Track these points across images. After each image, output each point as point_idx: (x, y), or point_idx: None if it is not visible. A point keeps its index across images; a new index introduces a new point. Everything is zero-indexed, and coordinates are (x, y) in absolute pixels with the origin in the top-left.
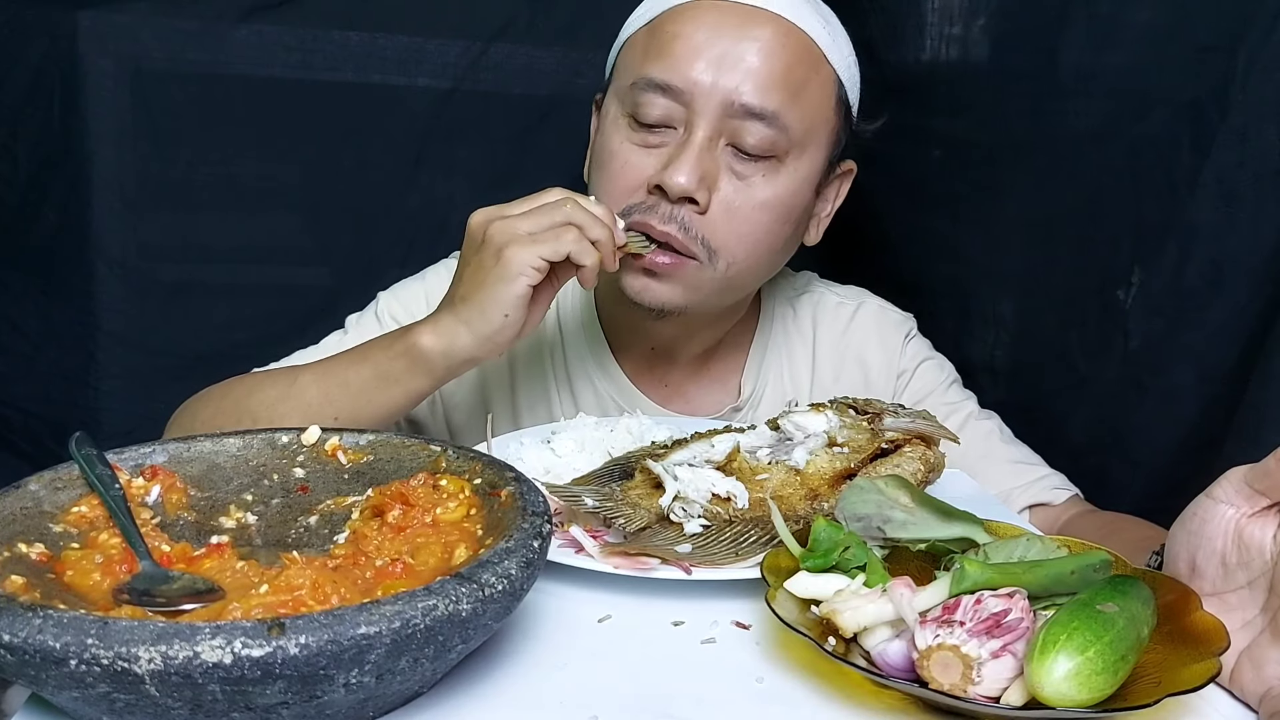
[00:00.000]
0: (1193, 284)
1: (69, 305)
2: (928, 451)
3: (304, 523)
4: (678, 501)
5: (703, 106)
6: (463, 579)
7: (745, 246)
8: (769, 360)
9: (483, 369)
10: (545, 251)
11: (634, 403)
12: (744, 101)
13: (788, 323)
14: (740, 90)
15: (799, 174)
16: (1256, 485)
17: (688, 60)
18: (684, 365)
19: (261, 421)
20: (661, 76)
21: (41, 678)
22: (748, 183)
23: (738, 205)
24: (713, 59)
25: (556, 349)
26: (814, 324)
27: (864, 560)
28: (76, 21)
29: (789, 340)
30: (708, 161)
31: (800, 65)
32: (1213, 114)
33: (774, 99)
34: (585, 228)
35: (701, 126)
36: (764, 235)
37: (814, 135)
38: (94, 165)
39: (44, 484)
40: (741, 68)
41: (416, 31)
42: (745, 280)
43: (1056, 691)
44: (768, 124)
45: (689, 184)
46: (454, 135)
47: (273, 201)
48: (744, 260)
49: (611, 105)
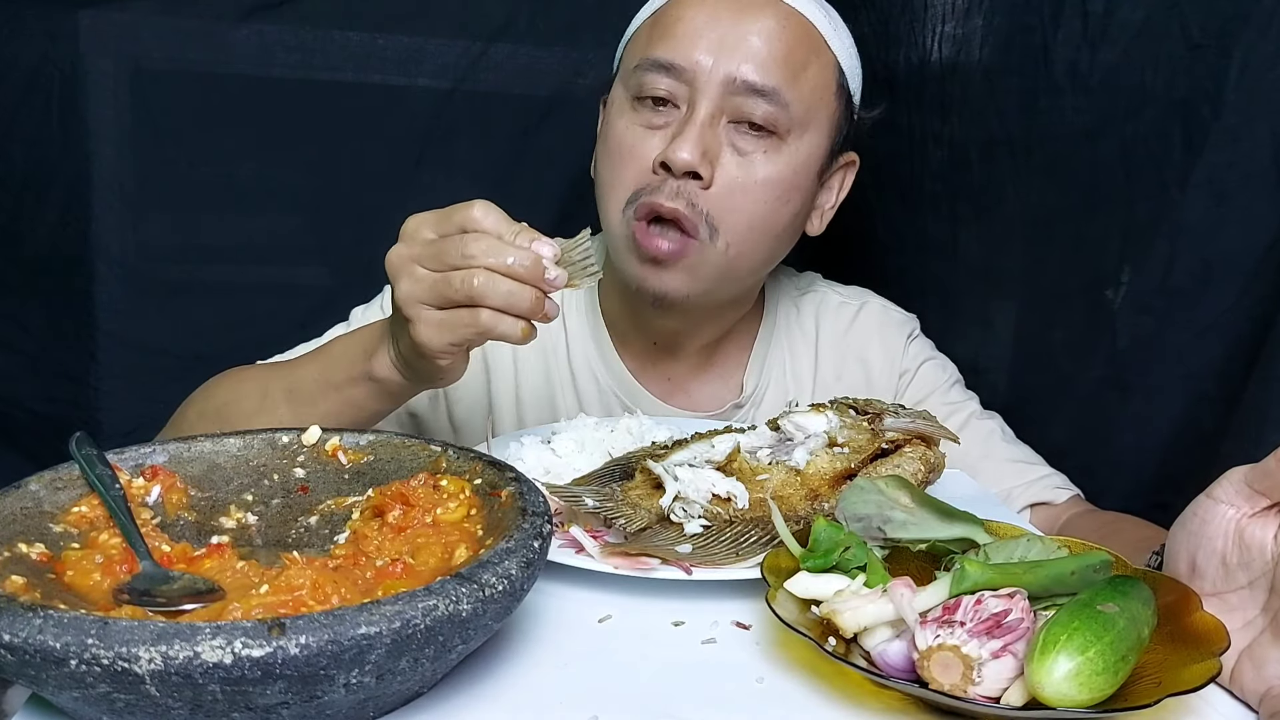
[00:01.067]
0: (1182, 283)
1: (69, 305)
2: (928, 452)
3: (304, 523)
4: (678, 502)
5: (705, 85)
6: (463, 579)
7: (746, 222)
8: (771, 358)
9: (486, 364)
10: (455, 339)
11: (636, 397)
12: (745, 79)
13: (791, 321)
14: (742, 69)
15: (800, 154)
16: (1257, 485)
17: (690, 40)
18: (686, 360)
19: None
20: (665, 56)
21: (42, 678)
22: (749, 159)
23: (740, 180)
24: (714, 40)
25: (560, 342)
26: (817, 323)
27: (864, 560)
28: (76, 21)
29: (791, 339)
30: (710, 137)
31: (800, 47)
32: (1204, 113)
33: (775, 76)
34: (496, 301)
35: (704, 104)
36: (765, 213)
37: (814, 116)
38: (94, 165)
39: (44, 484)
40: (743, 48)
41: (417, 31)
42: (745, 264)
43: (1057, 692)
44: (769, 100)
45: (692, 158)
46: (454, 135)
47: (273, 201)
48: (744, 239)
49: (617, 92)
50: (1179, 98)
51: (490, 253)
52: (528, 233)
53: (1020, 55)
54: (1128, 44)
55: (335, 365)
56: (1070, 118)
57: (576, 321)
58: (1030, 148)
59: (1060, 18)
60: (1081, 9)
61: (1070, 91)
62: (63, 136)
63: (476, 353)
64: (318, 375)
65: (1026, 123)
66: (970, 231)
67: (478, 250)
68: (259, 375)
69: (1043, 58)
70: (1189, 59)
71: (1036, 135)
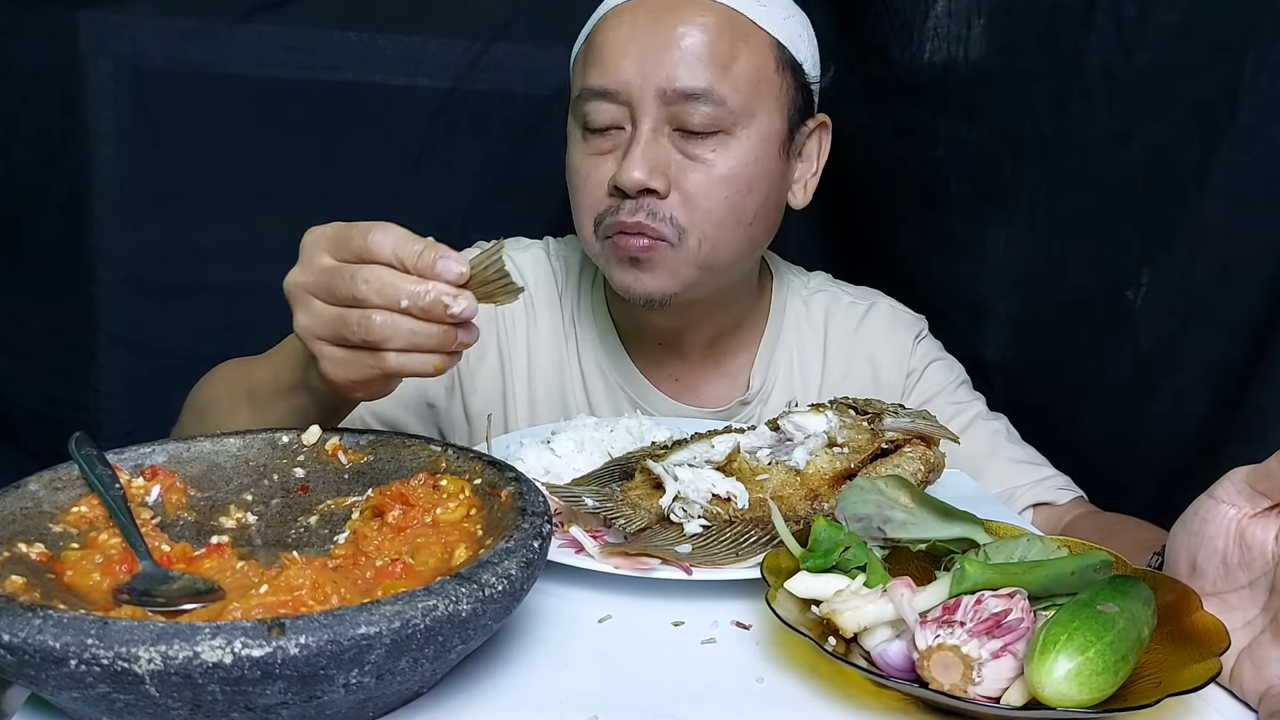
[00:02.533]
0: (1202, 284)
1: (69, 305)
2: (928, 451)
3: (304, 523)
4: (678, 502)
5: (640, 101)
6: (463, 579)
7: (712, 221)
8: (778, 356)
9: (501, 358)
10: (362, 378)
11: (645, 395)
12: (675, 87)
13: (800, 321)
14: (670, 77)
15: (751, 142)
16: (1258, 486)
17: (616, 62)
18: (691, 358)
19: None
20: (598, 82)
21: (41, 678)
22: (700, 161)
23: (697, 182)
24: (637, 55)
25: (571, 340)
26: (825, 322)
27: (864, 560)
28: (76, 21)
29: (801, 337)
30: (656, 151)
31: (724, 38)
32: (1222, 114)
33: (703, 76)
34: (399, 342)
35: (644, 120)
36: (730, 207)
37: (758, 101)
38: (94, 165)
39: (44, 484)
40: (666, 57)
41: (417, 31)
42: (723, 256)
43: (1057, 692)
44: (704, 100)
45: (642, 177)
46: (454, 135)
47: (273, 201)
48: (714, 235)
49: (570, 121)
50: (1197, 99)
51: (386, 290)
52: (431, 251)
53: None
54: (1147, 46)
55: (283, 368)
56: (1089, 120)
57: (587, 320)
58: (1049, 150)
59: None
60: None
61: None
62: (63, 136)
63: (491, 345)
64: (270, 379)
65: (1045, 125)
66: (995, 233)
67: (372, 289)
68: (232, 375)
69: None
70: (1207, 60)
71: (1056, 137)
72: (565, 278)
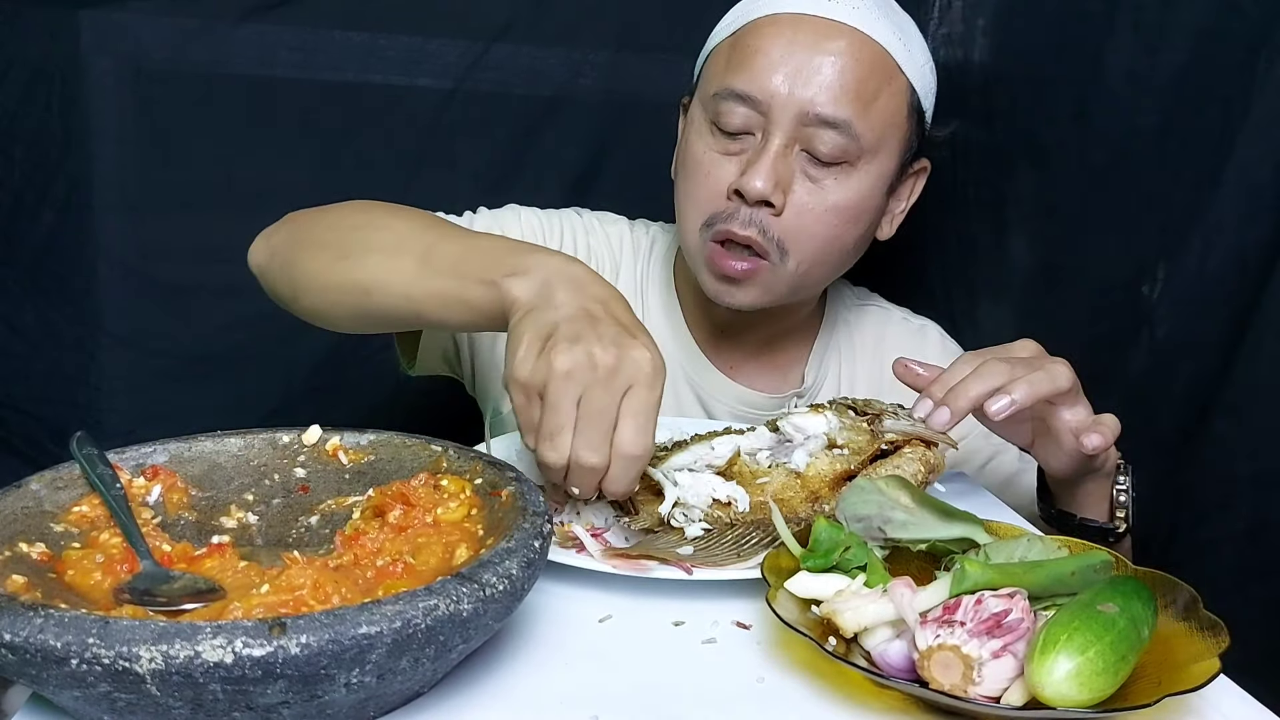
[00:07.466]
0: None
1: (69, 305)
2: (927, 452)
3: (305, 523)
4: (678, 508)
5: (779, 115)
6: (464, 579)
7: (816, 246)
8: (829, 357)
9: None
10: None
11: (702, 372)
12: (818, 111)
13: (851, 329)
14: (815, 101)
15: (870, 178)
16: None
17: (766, 73)
18: (748, 349)
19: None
20: (742, 87)
21: (42, 677)
22: (820, 186)
23: (810, 208)
24: (789, 71)
25: (639, 312)
26: (880, 334)
27: (864, 560)
28: (77, 21)
29: (851, 343)
30: (782, 167)
31: (873, 77)
32: (1236, 109)
33: (846, 109)
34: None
35: (777, 134)
36: (834, 236)
37: (885, 142)
38: (94, 165)
39: (45, 483)
40: (816, 80)
41: (418, 31)
42: (815, 277)
43: (1057, 692)
44: (840, 132)
45: (765, 188)
46: (455, 135)
47: (273, 201)
48: (814, 259)
49: (696, 111)
50: (1211, 95)
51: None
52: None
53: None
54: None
55: (474, 258)
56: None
57: (655, 291)
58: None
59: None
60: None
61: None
62: (63, 136)
63: None
64: (456, 257)
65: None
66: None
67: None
68: (408, 222)
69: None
70: (1221, 57)
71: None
72: (641, 250)
